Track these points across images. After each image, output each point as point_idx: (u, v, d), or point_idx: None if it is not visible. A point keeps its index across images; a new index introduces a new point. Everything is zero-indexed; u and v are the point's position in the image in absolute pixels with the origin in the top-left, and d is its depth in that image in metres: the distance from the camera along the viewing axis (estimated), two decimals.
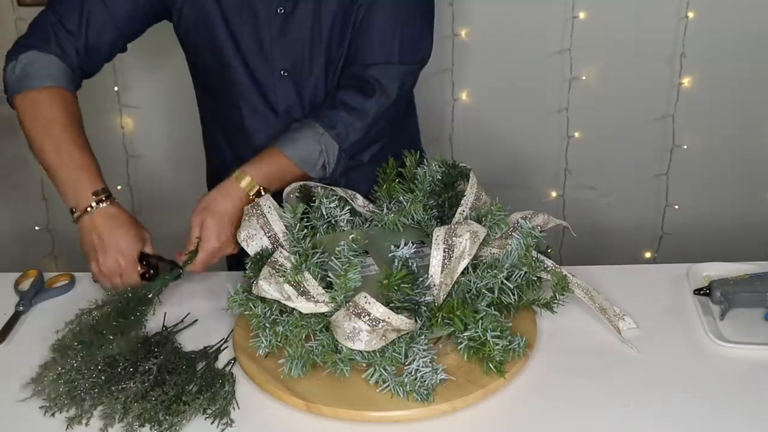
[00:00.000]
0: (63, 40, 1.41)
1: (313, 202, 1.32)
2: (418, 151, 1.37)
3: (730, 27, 2.27)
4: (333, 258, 1.15)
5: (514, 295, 1.17)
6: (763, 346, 1.21)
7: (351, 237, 1.19)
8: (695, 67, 2.31)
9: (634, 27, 2.29)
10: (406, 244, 1.19)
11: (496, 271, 1.16)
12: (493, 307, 1.15)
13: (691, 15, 2.25)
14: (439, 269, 1.13)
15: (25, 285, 1.43)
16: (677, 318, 1.29)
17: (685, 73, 2.31)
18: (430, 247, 1.15)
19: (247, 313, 1.19)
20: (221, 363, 1.21)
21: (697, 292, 1.32)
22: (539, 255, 1.24)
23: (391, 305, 1.09)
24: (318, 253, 1.17)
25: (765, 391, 1.14)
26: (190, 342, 1.26)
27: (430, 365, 1.11)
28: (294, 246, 1.22)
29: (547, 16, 2.29)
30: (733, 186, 2.47)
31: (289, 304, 1.13)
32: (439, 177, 1.35)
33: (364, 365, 1.12)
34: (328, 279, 1.15)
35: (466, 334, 1.12)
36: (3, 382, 1.19)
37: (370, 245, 1.26)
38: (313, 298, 1.13)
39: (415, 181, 1.34)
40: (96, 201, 1.32)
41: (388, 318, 1.07)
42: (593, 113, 2.38)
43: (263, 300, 1.17)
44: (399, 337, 1.11)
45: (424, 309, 1.13)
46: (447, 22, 2.29)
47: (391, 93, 1.45)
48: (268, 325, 1.16)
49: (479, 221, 1.23)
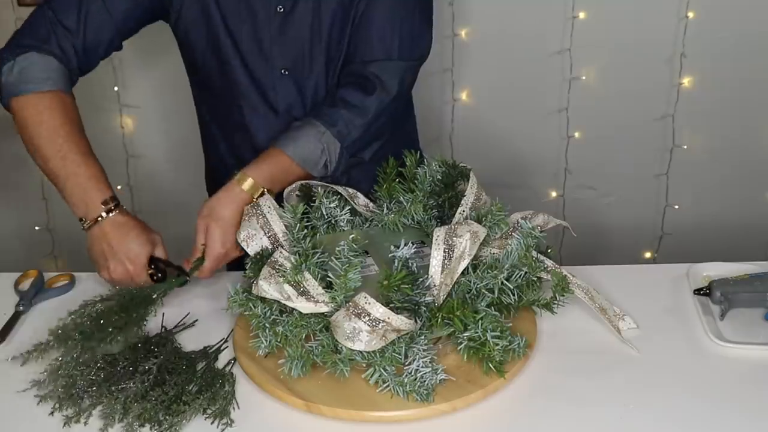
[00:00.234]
0: (62, 38, 1.40)
1: (313, 201, 1.32)
2: (418, 151, 1.37)
3: (730, 27, 2.27)
4: (333, 258, 1.15)
5: (514, 295, 1.17)
6: (763, 346, 1.21)
7: (351, 237, 1.19)
8: (695, 67, 2.31)
9: (634, 27, 2.29)
10: (406, 245, 1.19)
11: (496, 272, 1.16)
12: (493, 308, 1.15)
13: (691, 15, 2.25)
14: (440, 269, 1.13)
15: (25, 285, 1.43)
16: (677, 318, 1.29)
17: (685, 73, 2.31)
18: (430, 248, 1.15)
19: (247, 313, 1.19)
20: (221, 363, 1.21)
21: (697, 292, 1.32)
22: (539, 255, 1.24)
23: (391, 305, 1.09)
24: (318, 253, 1.17)
25: (765, 391, 1.14)
26: (190, 342, 1.26)
27: (430, 365, 1.11)
28: (294, 246, 1.22)
29: (547, 16, 2.29)
30: (733, 186, 2.47)
31: (289, 304, 1.13)
32: (439, 177, 1.35)
33: (364, 365, 1.12)
34: (328, 279, 1.15)
35: (466, 335, 1.12)
36: (3, 382, 1.19)
37: (370, 245, 1.26)
38: (313, 298, 1.13)
39: (415, 181, 1.34)
40: (105, 211, 1.32)
41: (388, 318, 1.07)
42: (593, 113, 2.38)
43: (263, 300, 1.17)
44: (399, 338, 1.11)
45: (424, 309, 1.13)
46: (447, 21, 2.29)
47: (392, 89, 1.45)
48: (268, 325, 1.16)
49: (479, 221, 1.23)
